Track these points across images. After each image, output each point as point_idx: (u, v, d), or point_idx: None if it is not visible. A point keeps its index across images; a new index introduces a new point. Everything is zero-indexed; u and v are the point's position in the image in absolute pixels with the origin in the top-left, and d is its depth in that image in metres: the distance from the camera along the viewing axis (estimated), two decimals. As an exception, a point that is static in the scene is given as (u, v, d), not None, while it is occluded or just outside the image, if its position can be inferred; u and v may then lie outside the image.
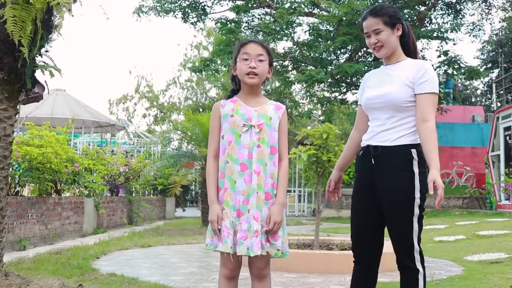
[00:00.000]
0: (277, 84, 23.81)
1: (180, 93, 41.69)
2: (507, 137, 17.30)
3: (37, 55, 3.61)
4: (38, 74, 3.68)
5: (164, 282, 5.06)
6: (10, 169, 3.57)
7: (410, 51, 3.09)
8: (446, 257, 7.18)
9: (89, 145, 17.64)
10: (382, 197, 2.94)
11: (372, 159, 2.97)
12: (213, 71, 22.87)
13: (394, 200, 2.89)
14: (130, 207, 13.40)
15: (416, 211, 2.88)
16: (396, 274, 2.98)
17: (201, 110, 26.91)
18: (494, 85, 20.31)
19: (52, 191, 9.54)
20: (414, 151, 2.93)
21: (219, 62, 22.77)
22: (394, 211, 2.90)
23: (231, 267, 2.74)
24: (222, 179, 2.75)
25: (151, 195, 17.35)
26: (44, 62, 3.69)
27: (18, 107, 3.63)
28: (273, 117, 2.81)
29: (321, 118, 24.95)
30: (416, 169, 2.90)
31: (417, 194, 2.88)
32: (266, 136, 2.77)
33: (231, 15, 21.99)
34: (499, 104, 18.93)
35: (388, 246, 3.07)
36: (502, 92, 19.45)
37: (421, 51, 22.28)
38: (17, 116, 3.66)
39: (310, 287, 5.07)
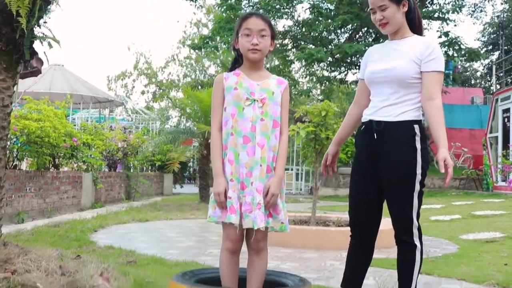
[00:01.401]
0: (277, 62, 23.73)
1: (179, 71, 41.57)
2: (506, 119, 17.32)
3: (36, 26, 3.59)
4: (36, 46, 3.66)
5: (162, 255, 5.10)
6: (8, 141, 3.57)
7: (416, 28, 3.05)
8: (442, 236, 7.24)
9: (88, 120, 17.61)
10: (383, 171, 2.94)
11: (375, 134, 2.97)
12: (213, 49, 22.75)
13: (395, 174, 2.89)
14: (128, 183, 13.43)
15: (417, 186, 2.90)
16: (392, 250, 3.02)
17: (200, 87, 26.85)
18: (494, 67, 20.26)
19: (50, 165, 9.55)
20: (417, 127, 2.93)
21: (218, 39, 22.62)
22: (395, 185, 2.91)
23: (235, 240, 2.74)
24: (225, 150, 2.76)
25: (149, 171, 17.39)
26: (43, 33, 3.67)
27: (16, 78, 3.62)
28: (276, 92, 2.80)
29: (320, 97, 24.92)
30: (418, 145, 2.91)
31: (419, 170, 2.89)
32: (269, 109, 2.75)
33: (232, -8, 21.84)
34: (498, 87, 18.91)
35: (384, 224, 3.10)
36: (502, 74, 19.41)
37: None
38: (15, 87, 3.65)
39: (306, 262, 5.12)
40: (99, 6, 66.88)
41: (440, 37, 20.79)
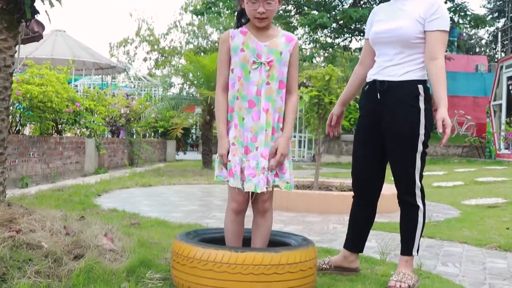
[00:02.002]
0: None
1: (181, 37, 41.23)
2: (510, 86, 17.20)
3: (37, -16, 3.53)
4: (38, 5, 3.61)
5: (165, 218, 5.12)
6: (11, 101, 3.55)
7: None
8: (444, 201, 7.26)
9: (90, 87, 17.55)
10: (386, 131, 2.93)
11: (378, 94, 2.95)
12: (215, 14, 22.51)
13: (399, 134, 2.89)
14: (131, 149, 13.45)
15: (420, 147, 2.89)
16: (394, 215, 3.04)
17: (202, 53, 26.65)
18: (499, 34, 20.02)
19: (53, 131, 9.55)
20: (421, 87, 2.91)
21: (221, 5, 22.37)
22: (398, 145, 2.90)
23: (240, 201, 2.75)
24: (232, 113, 2.74)
25: (152, 138, 17.40)
26: (44, -8, 3.62)
27: (18, 38, 3.58)
28: (284, 51, 2.72)
29: (323, 64, 24.75)
30: (422, 105, 2.89)
31: (422, 130, 2.88)
32: (276, 72, 2.70)
33: (235, -44, 21.50)
34: (503, 54, 18.72)
35: (386, 189, 3.10)
36: (507, 41, 19.20)
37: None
38: (17, 47, 3.61)
39: (309, 225, 5.15)
40: (100, -29, 66.00)
41: (446, 2, 20.49)
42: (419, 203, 2.95)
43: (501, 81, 17.71)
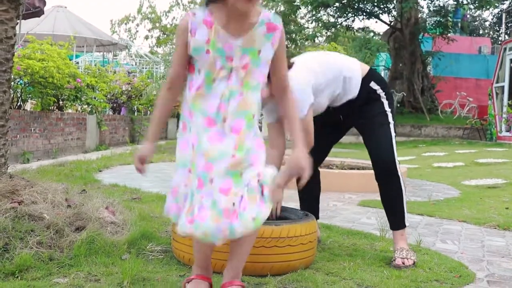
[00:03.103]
0: (282, 8, 23.33)
1: (183, 15, 40.94)
2: (513, 69, 17.12)
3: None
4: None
5: (166, 193, 5.12)
6: (12, 73, 3.54)
7: None
8: (444, 181, 7.28)
9: (91, 64, 17.48)
10: (354, 119, 3.13)
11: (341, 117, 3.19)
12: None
13: (368, 116, 3.05)
14: (132, 126, 13.45)
15: (390, 119, 3.04)
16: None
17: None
18: (504, 15, 19.85)
19: (55, 107, 9.54)
20: (372, 84, 3.04)
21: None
22: (371, 123, 3.05)
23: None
24: (190, 121, 2.06)
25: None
26: (46, -35, 3.59)
27: (19, 10, 3.56)
28: (264, 48, 2.03)
29: (325, 44, 24.59)
30: (381, 93, 3.06)
31: (388, 109, 3.07)
32: (252, 79, 2.03)
33: None
34: (507, 36, 18.58)
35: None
36: (511, 23, 19.05)
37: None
38: (18, 19, 3.59)
39: (309, 203, 5.16)
40: None
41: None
42: (399, 173, 2.98)
43: (504, 63, 17.62)
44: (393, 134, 3.01)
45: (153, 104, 15.83)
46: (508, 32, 19.07)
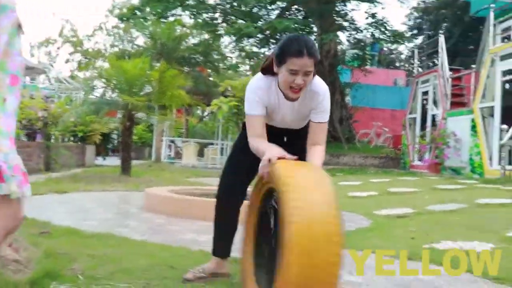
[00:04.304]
0: (206, 36, 23.53)
1: (106, 40, 40.37)
2: (424, 101, 18.04)
3: None
4: None
5: (77, 226, 5.00)
6: None
7: None
8: (358, 211, 7.50)
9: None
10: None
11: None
12: (141, 19, 22.27)
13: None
14: (48, 153, 13.04)
15: None
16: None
17: (127, 57, 26.23)
18: (416, 51, 21.00)
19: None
20: None
21: (148, 10, 22.14)
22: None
23: None
24: None
25: (71, 142, 16.93)
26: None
27: None
28: None
29: (248, 73, 24.99)
30: None
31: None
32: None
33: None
34: (420, 70, 19.65)
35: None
36: (424, 58, 20.15)
37: (350, 11, 22.64)
38: None
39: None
40: (22, -32, 63.63)
41: (367, 18, 21.26)
42: None
43: (417, 96, 18.54)
44: None
45: (70, 131, 15.45)
46: (421, 66, 20.14)
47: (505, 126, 12.37)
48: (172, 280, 3.13)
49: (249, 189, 3.12)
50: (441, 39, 17.20)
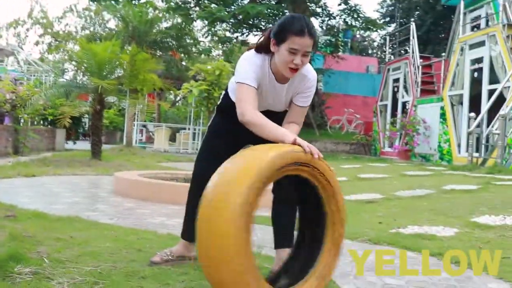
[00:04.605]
0: (179, 20, 23.31)
1: (77, 22, 39.76)
2: (395, 89, 18.22)
3: None
4: None
5: (45, 210, 4.95)
6: None
7: None
8: (327, 196, 7.57)
9: (-27, 69, 16.50)
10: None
11: None
12: (112, 2, 21.96)
13: None
14: (16, 136, 12.83)
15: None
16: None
17: (99, 40, 25.88)
18: (388, 38, 21.15)
19: None
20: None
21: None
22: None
23: None
24: None
25: (41, 125, 16.67)
26: None
27: None
28: None
29: (221, 58, 24.88)
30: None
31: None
32: None
33: None
34: (392, 57, 19.83)
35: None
36: (396, 45, 20.32)
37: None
38: None
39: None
40: None
41: (340, 4, 21.30)
42: None
43: (388, 83, 18.71)
44: None
45: (40, 114, 15.19)
46: (393, 53, 20.32)
47: (473, 114, 12.59)
48: (139, 263, 3.12)
49: None
50: (413, 26, 17.36)
